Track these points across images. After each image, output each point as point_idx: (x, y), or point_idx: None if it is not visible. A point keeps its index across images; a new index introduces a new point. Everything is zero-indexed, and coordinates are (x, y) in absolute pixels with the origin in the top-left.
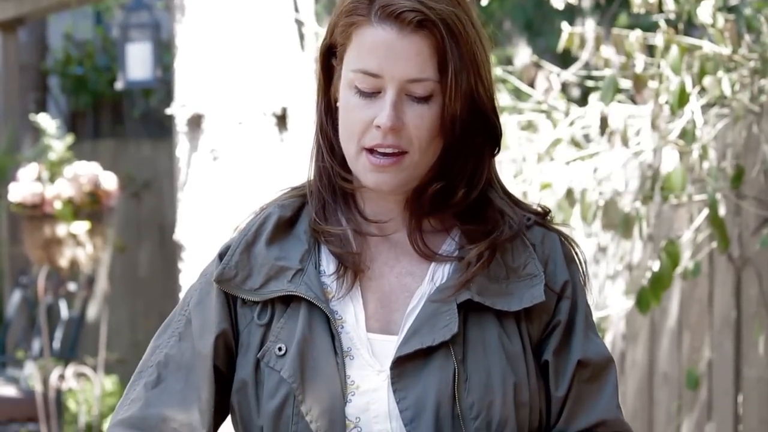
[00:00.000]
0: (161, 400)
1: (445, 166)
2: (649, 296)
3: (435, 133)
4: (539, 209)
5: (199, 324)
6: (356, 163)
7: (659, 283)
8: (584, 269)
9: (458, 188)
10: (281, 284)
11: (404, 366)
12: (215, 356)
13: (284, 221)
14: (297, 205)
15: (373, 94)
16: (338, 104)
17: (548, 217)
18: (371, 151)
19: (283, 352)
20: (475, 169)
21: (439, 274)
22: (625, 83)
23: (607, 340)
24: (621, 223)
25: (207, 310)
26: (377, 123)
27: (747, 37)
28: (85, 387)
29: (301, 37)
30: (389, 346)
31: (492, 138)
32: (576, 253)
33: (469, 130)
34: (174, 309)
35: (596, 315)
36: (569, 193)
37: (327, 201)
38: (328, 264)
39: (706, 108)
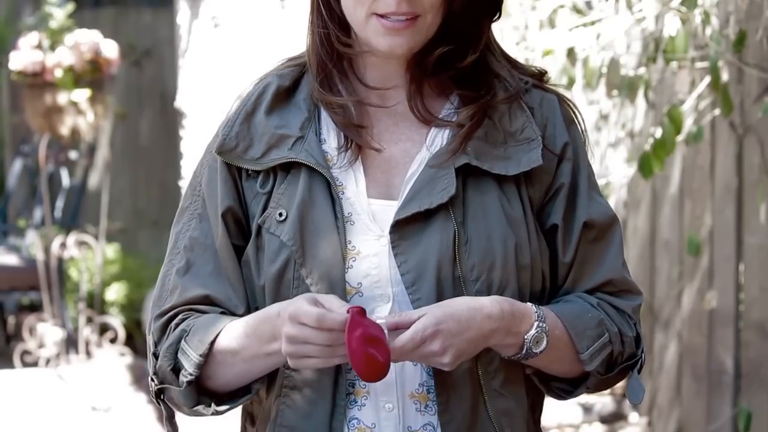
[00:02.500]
0: (196, 282)
1: (446, 28)
2: (652, 161)
3: None
4: (536, 70)
5: (212, 203)
6: (365, 28)
7: (662, 147)
8: (584, 129)
9: (459, 50)
10: (282, 152)
11: (404, 230)
12: (229, 234)
13: (283, 90)
14: (296, 74)
15: None
16: None
17: (545, 78)
18: (382, 15)
19: (283, 217)
20: (476, 32)
21: (438, 139)
22: None
23: None
24: (625, 86)
25: (216, 188)
26: None
27: None
28: (87, 255)
29: None
30: (390, 212)
31: (492, 1)
32: (575, 114)
33: None
34: (185, 191)
35: (599, 182)
36: (570, 52)
37: (327, 69)
38: (328, 133)
39: None
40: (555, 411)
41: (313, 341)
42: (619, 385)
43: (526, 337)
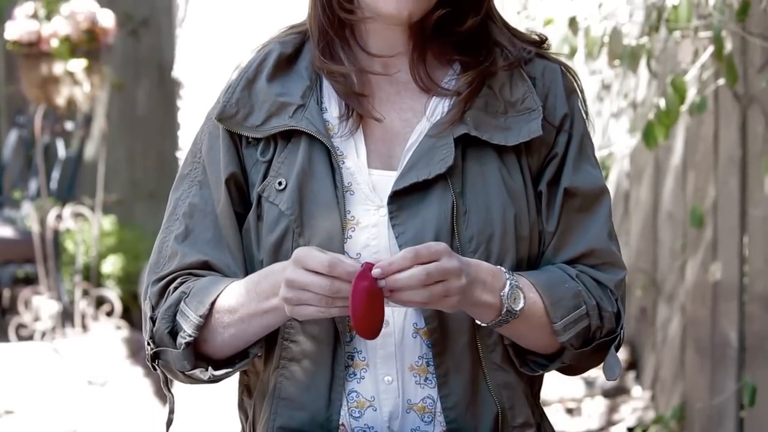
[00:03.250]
0: (195, 249)
1: None
2: (656, 130)
3: None
4: (536, 37)
5: (214, 170)
6: None
7: (667, 117)
8: (584, 98)
9: (461, 15)
10: (282, 120)
11: (402, 200)
12: (231, 201)
13: (285, 58)
14: (297, 42)
15: None
16: None
17: (545, 45)
18: None
19: (282, 186)
20: None
21: (439, 109)
22: None
23: (611, 179)
24: (627, 56)
25: (218, 155)
26: None
27: None
28: (83, 227)
29: None
30: (390, 182)
31: None
32: (577, 84)
33: None
34: (185, 158)
35: (600, 153)
36: (572, 21)
37: (329, 37)
38: (330, 102)
39: None
40: (557, 385)
41: (314, 288)
42: (623, 360)
43: (502, 293)
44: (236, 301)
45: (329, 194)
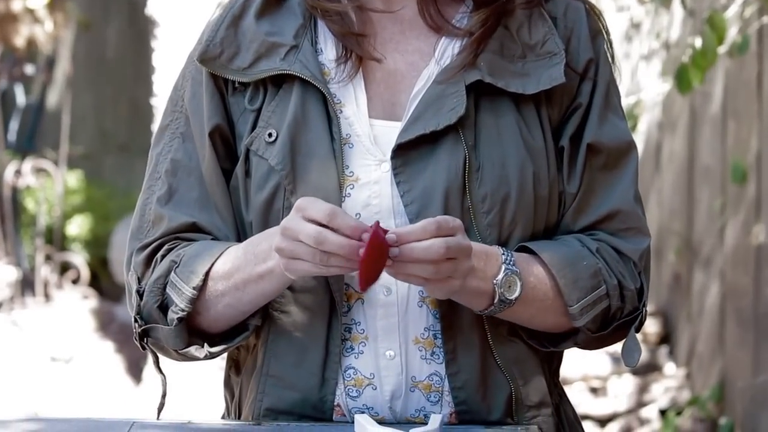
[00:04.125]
0: (181, 211)
1: None
2: (690, 73)
3: None
4: None
5: (197, 121)
6: None
7: (703, 58)
8: (610, 41)
9: None
10: (273, 62)
11: (407, 154)
12: (217, 156)
13: None
14: None
15: None
16: None
17: None
18: None
19: (273, 138)
20: None
21: (449, 51)
22: None
23: (640, 129)
24: None
25: (201, 104)
26: None
27: None
28: (46, 184)
29: None
30: (393, 134)
31: None
32: (602, 24)
33: None
34: (165, 107)
35: (628, 100)
36: None
37: None
38: (326, 43)
39: None
40: (579, 361)
41: (308, 240)
42: (654, 333)
43: (495, 280)
44: (232, 265)
45: (325, 147)
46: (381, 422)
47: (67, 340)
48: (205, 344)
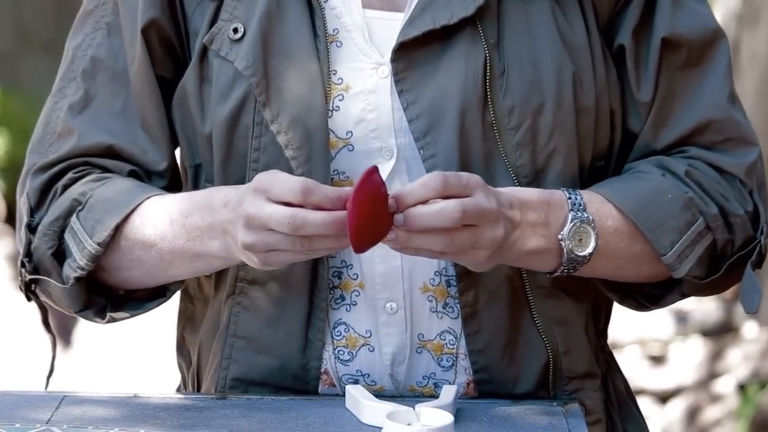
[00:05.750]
0: (97, 125)
1: None
2: None
3: None
4: None
5: (129, 11)
6: None
7: None
8: None
9: None
10: None
11: (412, 55)
12: (152, 59)
13: None
14: None
15: None
16: None
17: None
18: None
19: (239, 34)
20: None
21: None
22: None
23: None
24: None
25: None
26: None
27: None
28: None
29: None
30: (393, 28)
31: None
32: None
33: None
34: None
35: None
36: None
37: None
38: None
39: None
40: (633, 321)
41: (282, 227)
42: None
43: (560, 235)
44: (154, 231)
45: (306, 46)
46: (379, 394)
47: None
48: (107, 307)
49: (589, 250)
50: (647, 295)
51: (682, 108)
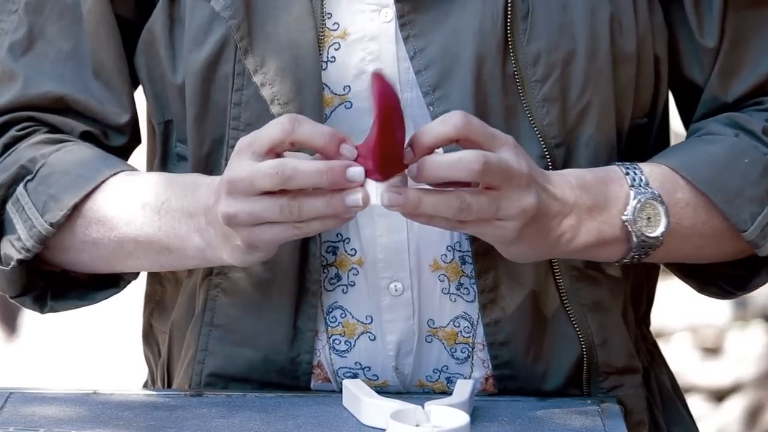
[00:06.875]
0: (44, 71)
1: None
2: None
3: None
4: None
5: None
6: None
7: None
8: None
9: None
10: None
11: None
12: None
13: None
14: None
15: None
16: None
17: None
18: None
19: None
20: None
21: None
22: None
23: None
24: None
25: None
26: None
27: None
28: None
29: None
30: None
31: None
32: None
33: None
34: None
35: None
36: None
37: None
38: None
39: None
40: (681, 305)
41: (269, 180)
42: None
43: (624, 215)
44: (119, 214)
45: None
46: (382, 390)
47: None
48: (48, 296)
49: (661, 228)
50: (732, 278)
51: (755, 52)
